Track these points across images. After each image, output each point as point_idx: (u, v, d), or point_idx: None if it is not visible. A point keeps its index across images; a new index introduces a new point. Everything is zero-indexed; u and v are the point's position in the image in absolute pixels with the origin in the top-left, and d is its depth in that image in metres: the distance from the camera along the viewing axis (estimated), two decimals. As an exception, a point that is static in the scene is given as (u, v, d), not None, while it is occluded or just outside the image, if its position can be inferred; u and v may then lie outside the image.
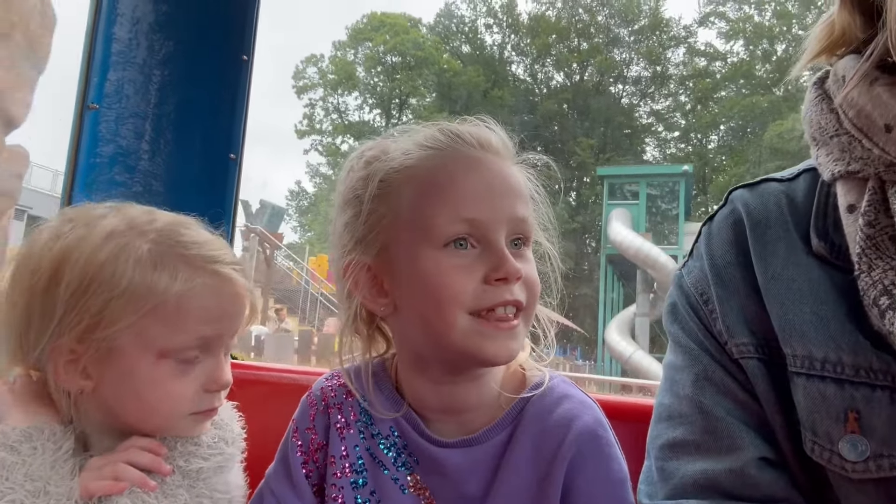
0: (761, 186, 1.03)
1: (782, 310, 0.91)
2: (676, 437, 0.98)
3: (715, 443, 0.94)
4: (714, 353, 0.99)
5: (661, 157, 41.64)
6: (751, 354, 0.95)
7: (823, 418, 0.86)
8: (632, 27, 41.33)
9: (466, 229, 1.03)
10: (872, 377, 0.83)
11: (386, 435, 1.15)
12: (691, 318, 1.02)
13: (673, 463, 0.97)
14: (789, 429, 0.91)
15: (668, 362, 1.06)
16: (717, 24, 40.71)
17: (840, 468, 0.84)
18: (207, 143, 1.79)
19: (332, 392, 1.22)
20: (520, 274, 1.03)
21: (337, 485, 1.15)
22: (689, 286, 1.04)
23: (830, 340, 0.86)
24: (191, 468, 1.13)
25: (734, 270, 0.98)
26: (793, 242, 0.94)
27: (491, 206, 1.04)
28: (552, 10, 41.62)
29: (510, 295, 1.03)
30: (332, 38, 42.38)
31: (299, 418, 1.23)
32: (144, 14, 1.70)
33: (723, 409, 0.96)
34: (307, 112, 42.89)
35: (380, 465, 1.13)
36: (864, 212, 0.85)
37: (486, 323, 1.02)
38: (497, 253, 1.03)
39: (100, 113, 1.69)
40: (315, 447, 1.19)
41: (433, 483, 1.11)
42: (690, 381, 1.00)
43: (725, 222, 1.03)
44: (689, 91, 41.29)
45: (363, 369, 1.19)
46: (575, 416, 1.09)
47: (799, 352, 0.89)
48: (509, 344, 1.04)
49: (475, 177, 1.06)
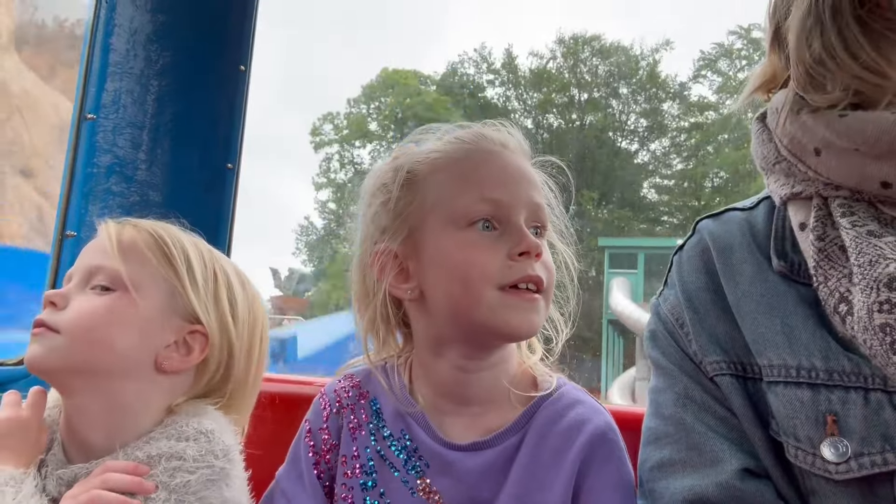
0: (725, 215, 1.13)
1: (754, 324, 0.98)
2: (663, 457, 1.03)
3: (699, 458, 0.99)
4: (692, 374, 1.06)
5: (657, 200, 41.91)
6: (723, 371, 1.01)
7: (803, 423, 0.90)
8: (629, 83, 42.04)
9: (489, 210, 1.11)
10: (846, 379, 0.88)
11: (397, 437, 1.18)
12: (669, 343, 1.10)
13: (661, 483, 1.02)
14: (768, 441, 0.96)
15: (652, 386, 1.13)
16: (710, 78, 41.45)
17: (823, 471, 0.88)
18: (205, 153, 1.79)
19: (346, 393, 1.25)
20: (539, 250, 1.11)
21: (347, 485, 1.17)
22: (666, 313, 1.11)
23: (802, 348, 0.92)
24: (175, 482, 1.09)
25: (704, 294, 1.06)
26: (758, 262, 1.02)
27: (511, 190, 1.13)
28: (552, 63, 42.53)
29: (532, 270, 1.10)
30: (347, 96, 42.92)
31: (312, 419, 1.26)
32: (142, 25, 1.73)
33: (704, 426, 1.01)
34: (323, 165, 43.68)
35: (390, 467, 1.16)
36: (813, 227, 0.93)
37: (510, 296, 1.09)
38: (518, 231, 1.11)
39: (97, 123, 1.71)
40: (327, 448, 1.22)
41: (444, 486, 1.13)
42: (672, 400, 1.06)
43: (694, 251, 1.12)
44: (684, 146, 41.76)
45: (389, 365, 1.25)
46: (587, 420, 1.14)
47: (774, 361, 0.94)
48: (531, 317, 1.11)
49: (496, 164, 1.16)
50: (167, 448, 1.12)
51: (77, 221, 1.68)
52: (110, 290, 1.19)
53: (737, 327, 1.01)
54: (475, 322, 1.10)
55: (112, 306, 1.18)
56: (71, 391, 1.18)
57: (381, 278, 1.17)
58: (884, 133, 0.86)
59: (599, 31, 51.59)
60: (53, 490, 1.14)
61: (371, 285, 1.21)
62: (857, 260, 0.85)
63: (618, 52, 41.84)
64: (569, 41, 41.89)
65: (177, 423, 1.18)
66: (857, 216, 0.89)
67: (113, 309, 1.18)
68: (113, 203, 1.69)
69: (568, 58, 41.96)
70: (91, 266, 1.21)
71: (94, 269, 1.20)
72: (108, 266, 1.20)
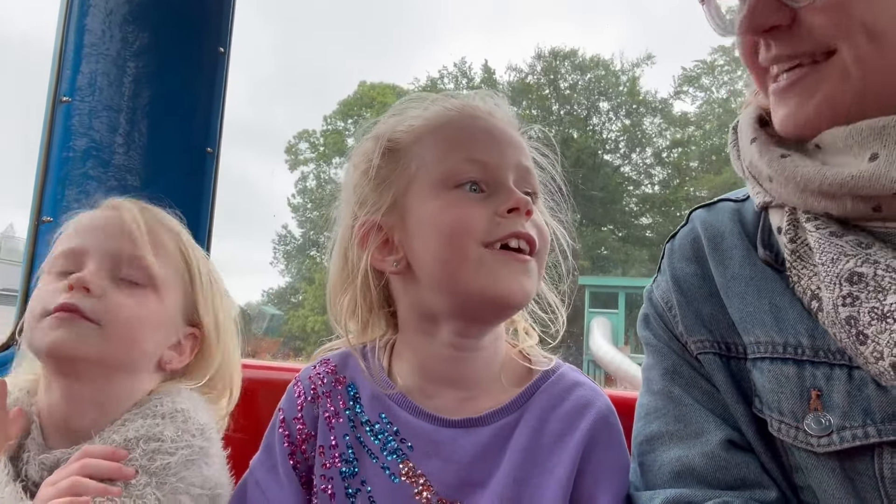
0: (718, 205, 1.17)
1: (743, 303, 1.02)
2: (653, 430, 1.07)
3: (686, 429, 1.03)
4: (678, 352, 1.10)
5: (638, 211, 42.15)
6: (707, 349, 1.06)
7: (788, 398, 0.95)
8: (611, 98, 42.51)
9: (476, 171, 1.10)
10: (830, 357, 0.92)
11: (375, 422, 1.15)
12: (659, 325, 1.14)
13: (650, 456, 1.06)
14: (751, 417, 1.00)
15: (644, 365, 1.17)
16: (691, 93, 42.08)
17: (806, 444, 0.92)
18: (184, 137, 1.79)
19: (321, 380, 1.22)
20: (530, 206, 1.10)
21: (326, 475, 1.14)
22: (658, 298, 1.16)
23: (790, 327, 0.96)
24: (155, 466, 1.11)
25: (692, 280, 1.11)
26: (747, 249, 1.06)
27: (499, 152, 1.12)
28: (532, 76, 42.93)
29: (521, 227, 1.08)
30: (323, 112, 43.09)
31: (286, 408, 1.22)
32: (118, 5, 1.73)
33: (691, 398, 1.06)
34: (300, 185, 43.60)
35: (368, 454, 1.14)
36: (785, 231, 0.98)
37: (499, 253, 1.07)
38: (506, 190, 1.10)
39: (72, 106, 1.70)
40: (303, 437, 1.18)
41: (431, 468, 1.10)
42: (660, 374, 1.11)
43: (686, 239, 1.16)
44: (666, 162, 42.25)
45: (370, 347, 1.24)
46: (589, 403, 1.14)
47: (762, 339, 0.99)
48: (522, 279, 1.09)
49: (483, 127, 1.15)
50: (144, 430, 1.13)
51: (53, 207, 1.67)
52: (140, 286, 1.21)
53: (722, 309, 1.05)
54: (463, 286, 1.07)
55: (149, 305, 1.22)
56: (78, 379, 1.18)
57: (363, 248, 1.15)
58: (810, 181, 0.92)
59: (578, 45, 52.21)
60: (35, 475, 1.14)
61: (353, 264, 1.19)
62: (821, 258, 0.91)
63: (598, 66, 42.36)
64: (547, 55, 42.38)
65: (151, 403, 1.20)
66: (820, 220, 0.94)
67: (150, 308, 1.22)
68: (90, 187, 1.67)
69: (548, 72, 42.38)
70: (120, 254, 1.22)
71: (123, 259, 1.21)
72: (139, 258, 1.22)
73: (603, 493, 1.08)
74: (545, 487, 1.07)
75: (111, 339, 1.17)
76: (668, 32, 62.84)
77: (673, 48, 63.17)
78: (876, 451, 0.86)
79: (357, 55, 65.07)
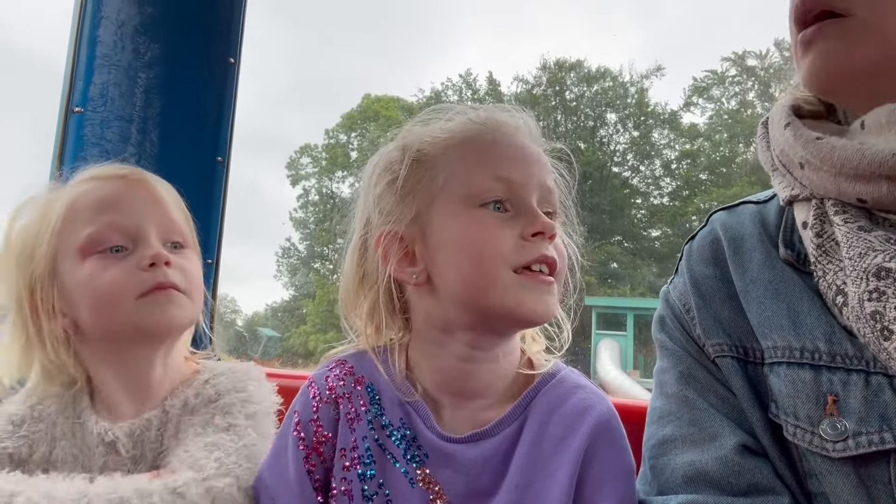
0: (739, 208, 1.18)
1: (761, 307, 1.03)
2: (666, 434, 1.08)
3: (700, 433, 1.04)
4: (695, 355, 1.11)
5: (647, 223, 42.19)
6: (725, 353, 1.06)
7: (804, 403, 0.95)
8: (619, 110, 42.59)
9: (502, 190, 1.12)
10: (848, 362, 0.93)
11: (396, 427, 1.16)
12: (676, 327, 1.15)
13: (663, 459, 1.06)
14: (767, 423, 1.01)
15: (657, 368, 1.18)
16: (701, 105, 42.12)
17: (821, 448, 0.92)
18: (194, 146, 1.83)
19: (340, 381, 1.22)
20: (553, 231, 1.12)
21: (346, 477, 1.14)
22: (675, 300, 1.17)
23: (807, 332, 0.97)
24: (250, 411, 1.25)
25: (711, 282, 1.12)
26: (767, 251, 1.07)
27: (524, 171, 1.14)
28: (538, 88, 43.06)
29: (546, 251, 1.10)
30: (325, 126, 43.34)
31: (302, 410, 1.21)
32: (129, 16, 1.77)
33: (705, 402, 1.07)
34: (302, 199, 43.76)
35: (389, 458, 1.14)
36: (812, 225, 1.00)
37: (525, 278, 1.09)
38: (531, 212, 1.12)
39: (84, 116, 1.75)
40: (320, 440, 1.17)
41: (443, 477, 1.12)
42: (675, 378, 1.12)
43: (705, 241, 1.17)
44: (675, 174, 42.28)
45: (390, 351, 1.24)
46: (590, 406, 1.14)
47: (779, 343, 1.00)
48: (547, 299, 1.11)
49: (509, 144, 1.17)
50: (230, 383, 1.29)
51: (64, 216, 1.70)
52: (185, 248, 1.34)
53: (741, 313, 1.06)
54: (488, 305, 1.09)
55: (197, 264, 1.35)
56: (161, 347, 1.30)
57: (385, 262, 1.17)
58: (847, 161, 0.93)
59: (589, 56, 52.38)
60: (126, 443, 1.24)
61: (373, 269, 1.21)
62: (849, 253, 0.91)
63: (605, 77, 42.49)
64: (553, 67, 42.54)
65: (210, 364, 1.37)
66: (848, 214, 0.95)
67: (198, 266, 1.35)
68: (101, 197, 1.71)
69: (554, 84, 42.52)
70: (166, 221, 1.31)
71: (169, 225, 1.31)
72: (176, 222, 1.33)
73: (605, 497, 1.07)
74: (547, 491, 1.08)
75: (196, 302, 1.30)
76: (680, 41, 63.14)
77: (685, 57, 63.39)
78: (892, 457, 0.87)
79: (366, 65, 65.70)
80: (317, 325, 36.79)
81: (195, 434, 1.19)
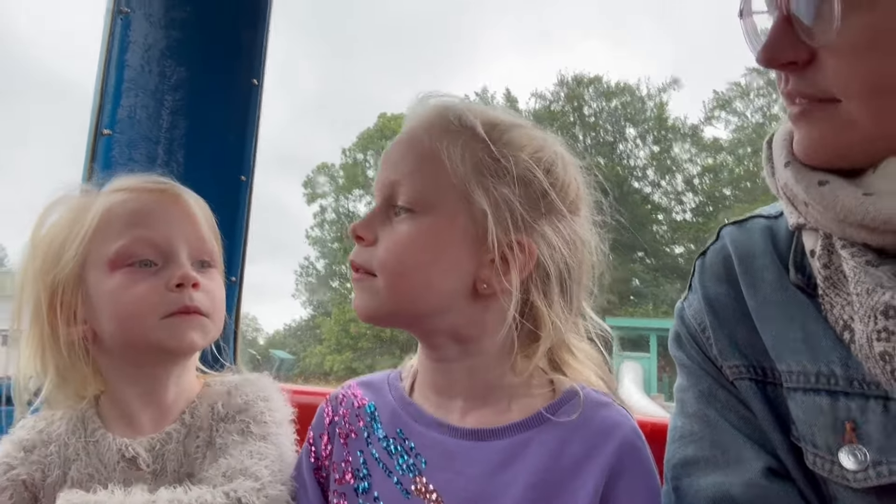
0: (749, 223, 1.17)
1: (775, 330, 1.02)
2: (688, 454, 1.08)
3: (723, 456, 1.03)
4: (713, 375, 1.11)
5: (669, 239, 41.87)
6: (743, 375, 1.06)
7: (821, 430, 0.94)
8: (638, 124, 42.52)
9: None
10: (865, 388, 0.91)
11: (392, 437, 1.20)
12: (692, 346, 1.15)
13: (686, 481, 1.06)
14: (789, 445, 1.00)
15: (677, 385, 1.18)
16: (724, 118, 41.97)
17: (841, 478, 0.91)
18: (218, 166, 1.90)
19: (344, 399, 1.30)
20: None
21: (339, 490, 1.20)
22: (689, 317, 1.16)
23: (823, 356, 0.95)
24: (277, 419, 1.31)
25: (725, 300, 1.11)
26: (779, 271, 1.06)
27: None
28: (556, 104, 43.11)
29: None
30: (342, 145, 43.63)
31: (315, 424, 1.31)
32: (156, 41, 1.85)
33: (728, 423, 1.06)
34: (318, 218, 44.04)
35: (384, 470, 1.17)
36: (819, 256, 0.98)
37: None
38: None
39: (113, 138, 1.82)
40: (327, 453, 1.26)
41: (444, 482, 1.13)
42: (695, 397, 1.12)
43: (716, 257, 1.16)
44: (698, 189, 42.06)
45: (402, 370, 1.32)
46: (615, 425, 1.13)
47: (794, 368, 0.99)
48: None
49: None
50: (254, 393, 1.32)
51: (94, 236, 1.77)
52: (212, 268, 1.39)
53: (756, 333, 1.05)
54: None
55: (221, 284, 1.41)
56: (179, 364, 1.35)
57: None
58: (850, 213, 0.91)
59: (603, 71, 52.38)
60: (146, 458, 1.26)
61: None
62: (856, 289, 0.90)
63: (624, 92, 42.47)
64: (571, 82, 42.61)
65: (228, 377, 1.41)
66: (856, 248, 0.93)
67: (222, 287, 1.41)
68: (129, 216, 1.78)
69: (572, 100, 42.55)
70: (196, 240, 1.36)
71: (199, 244, 1.36)
72: (207, 241, 1.39)
73: None
74: None
75: (217, 324, 1.33)
76: (701, 54, 63.03)
77: (706, 69, 63.29)
78: None
79: (385, 83, 66.31)
80: (331, 346, 36.81)
81: (234, 443, 1.23)
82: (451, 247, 1.13)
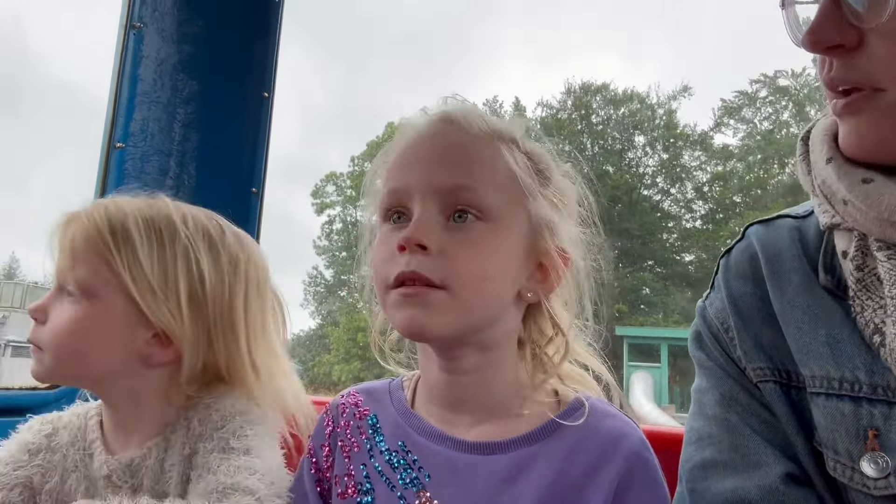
0: (777, 222, 1.14)
1: (799, 333, 1.00)
2: (706, 457, 1.05)
3: (742, 459, 1.01)
4: (736, 377, 1.08)
5: (679, 247, 41.78)
6: (767, 378, 1.04)
7: (843, 437, 0.92)
8: (646, 133, 42.51)
9: (388, 200, 1.13)
10: (890, 395, 0.89)
11: (395, 450, 1.18)
12: (714, 346, 1.12)
13: (703, 484, 1.04)
14: (811, 450, 0.98)
15: (696, 386, 1.15)
16: (732, 125, 42.02)
17: (862, 486, 0.90)
18: (230, 178, 1.93)
19: (345, 410, 1.27)
20: (416, 241, 1.06)
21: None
22: (712, 316, 1.14)
23: (847, 361, 0.94)
24: (259, 432, 1.23)
25: (750, 300, 1.08)
26: (806, 273, 1.04)
27: (405, 176, 1.13)
28: (563, 112, 43.17)
29: (405, 266, 1.06)
30: (350, 154, 43.92)
31: (315, 436, 1.29)
32: (168, 55, 1.89)
33: (748, 427, 1.04)
34: (326, 228, 44.17)
35: (387, 484, 1.15)
36: (853, 257, 0.96)
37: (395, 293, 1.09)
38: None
39: (125, 151, 1.85)
40: (328, 465, 1.23)
41: (448, 497, 1.11)
42: (715, 400, 1.09)
43: (742, 256, 1.14)
44: (707, 197, 42.09)
45: (402, 379, 1.29)
46: (622, 435, 1.12)
47: (817, 373, 0.97)
48: (411, 312, 1.08)
49: (398, 151, 1.17)
50: (236, 407, 1.26)
51: (107, 247, 1.80)
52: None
53: (782, 335, 1.03)
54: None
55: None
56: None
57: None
58: (894, 211, 0.88)
59: (611, 78, 52.46)
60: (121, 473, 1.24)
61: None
62: (891, 292, 0.88)
63: (632, 99, 42.50)
64: (578, 90, 42.67)
65: (210, 394, 1.29)
66: (893, 251, 0.91)
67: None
68: (141, 228, 1.81)
69: (579, 108, 42.60)
70: (57, 271, 1.25)
71: (60, 275, 1.24)
72: (66, 270, 1.23)
73: None
74: None
75: (61, 358, 1.23)
76: (709, 61, 63.04)
77: (715, 77, 63.30)
78: None
79: (394, 92, 66.66)
80: (340, 356, 36.78)
81: (217, 459, 1.17)
82: (515, 253, 1.12)
